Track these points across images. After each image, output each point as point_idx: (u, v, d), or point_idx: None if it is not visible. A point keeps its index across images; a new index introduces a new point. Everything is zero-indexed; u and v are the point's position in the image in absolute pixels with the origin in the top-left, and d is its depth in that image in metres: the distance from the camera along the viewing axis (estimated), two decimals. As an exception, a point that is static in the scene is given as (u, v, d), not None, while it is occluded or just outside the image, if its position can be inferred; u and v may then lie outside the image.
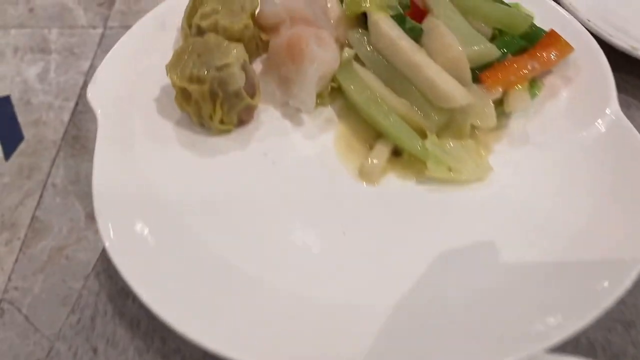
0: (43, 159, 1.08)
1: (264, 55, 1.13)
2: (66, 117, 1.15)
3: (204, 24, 1.02)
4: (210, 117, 0.96)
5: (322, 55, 0.99)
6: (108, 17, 1.34)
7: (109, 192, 0.87)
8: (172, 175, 0.93)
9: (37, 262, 0.97)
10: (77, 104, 1.17)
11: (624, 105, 1.08)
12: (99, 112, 0.95)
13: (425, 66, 0.95)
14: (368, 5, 1.03)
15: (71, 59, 1.24)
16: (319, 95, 1.04)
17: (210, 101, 0.95)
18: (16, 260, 0.98)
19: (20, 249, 0.98)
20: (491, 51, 0.97)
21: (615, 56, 1.07)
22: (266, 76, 1.07)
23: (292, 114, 1.04)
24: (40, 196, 1.02)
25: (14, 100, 1.20)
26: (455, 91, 0.92)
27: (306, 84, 0.98)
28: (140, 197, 0.89)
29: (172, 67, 0.96)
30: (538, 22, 1.10)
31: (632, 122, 1.06)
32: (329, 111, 1.05)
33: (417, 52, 0.97)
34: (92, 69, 1.21)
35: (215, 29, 1.02)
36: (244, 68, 0.96)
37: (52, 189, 1.05)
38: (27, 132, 1.14)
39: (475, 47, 0.96)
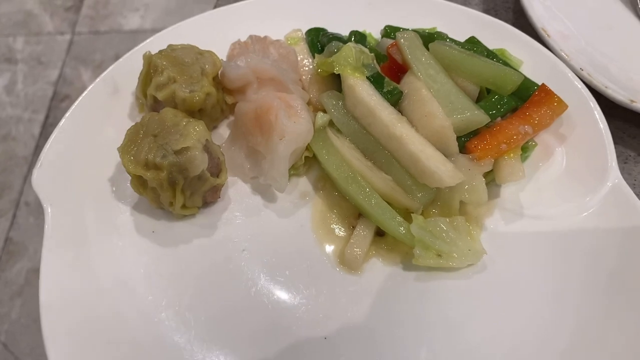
0: (14, 176, 0.99)
1: (231, 117, 1.03)
2: (37, 130, 1.09)
3: (160, 95, 0.91)
4: (171, 204, 0.86)
5: (294, 129, 0.88)
6: (76, 23, 1.27)
7: (58, 303, 0.79)
8: (130, 275, 0.84)
9: (14, 285, 0.88)
10: (47, 116, 1.12)
11: (621, 159, 1.00)
12: (47, 207, 0.86)
13: (408, 140, 0.85)
14: (342, 67, 0.92)
15: (39, 68, 1.19)
16: (293, 167, 0.94)
17: (169, 188, 0.84)
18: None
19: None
20: (480, 118, 0.88)
21: (608, 101, 0.99)
22: (233, 145, 0.97)
23: (263, 188, 0.94)
24: (14, 216, 0.94)
25: (-19, 115, 1.13)
26: (442, 170, 0.83)
27: (277, 161, 0.88)
28: (93, 310, 0.80)
29: (124, 151, 0.85)
30: (526, 69, 1.01)
31: (629, 177, 0.98)
32: (304, 183, 0.96)
33: (398, 123, 0.87)
34: (61, 78, 1.16)
35: (172, 101, 0.91)
36: (206, 148, 0.85)
37: (25, 208, 0.96)
38: (-5, 148, 1.08)
39: (462, 116, 0.87)
